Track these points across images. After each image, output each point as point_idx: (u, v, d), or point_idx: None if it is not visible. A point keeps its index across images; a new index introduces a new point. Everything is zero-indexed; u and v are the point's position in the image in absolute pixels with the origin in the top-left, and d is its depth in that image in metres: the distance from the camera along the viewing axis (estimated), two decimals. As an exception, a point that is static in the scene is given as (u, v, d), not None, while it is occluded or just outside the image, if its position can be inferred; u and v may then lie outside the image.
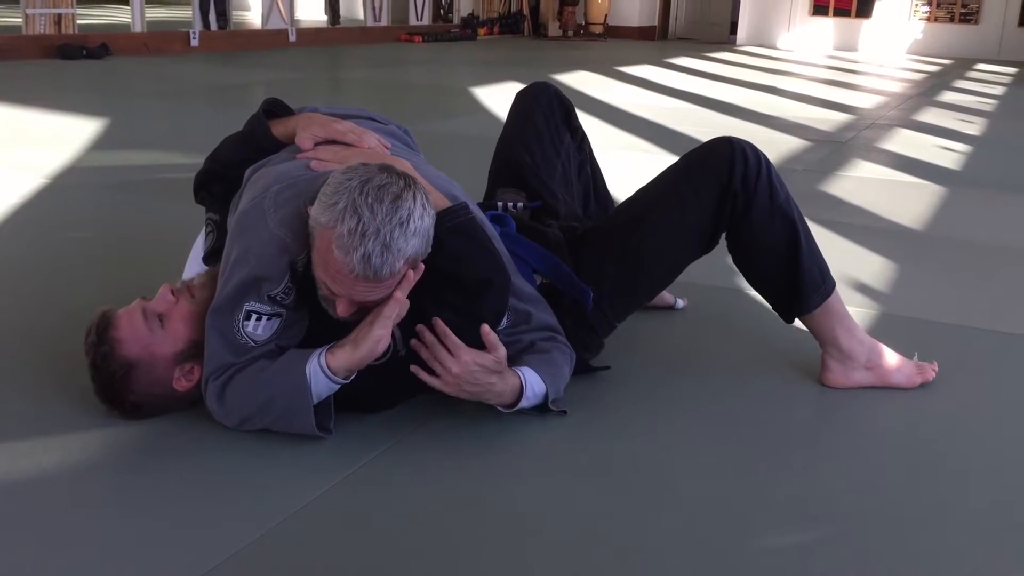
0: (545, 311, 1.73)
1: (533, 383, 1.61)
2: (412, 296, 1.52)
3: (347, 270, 1.40)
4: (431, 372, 1.54)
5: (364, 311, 1.50)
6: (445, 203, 1.58)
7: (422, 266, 1.48)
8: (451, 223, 1.54)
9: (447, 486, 1.47)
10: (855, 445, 1.69)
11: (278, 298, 1.51)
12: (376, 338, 1.48)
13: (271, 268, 1.49)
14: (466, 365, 1.52)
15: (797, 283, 1.79)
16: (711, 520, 1.41)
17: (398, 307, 1.48)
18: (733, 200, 1.75)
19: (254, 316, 1.51)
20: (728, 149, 1.76)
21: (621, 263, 1.79)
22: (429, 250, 1.48)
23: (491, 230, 1.67)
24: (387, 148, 1.70)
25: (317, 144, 1.66)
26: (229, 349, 1.52)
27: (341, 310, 1.48)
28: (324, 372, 1.49)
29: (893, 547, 1.36)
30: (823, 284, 1.81)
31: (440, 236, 1.51)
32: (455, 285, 1.55)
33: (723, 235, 1.82)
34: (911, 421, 1.77)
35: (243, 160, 1.70)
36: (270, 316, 1.52)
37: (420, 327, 1.53)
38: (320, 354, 1.51)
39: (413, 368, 1.53)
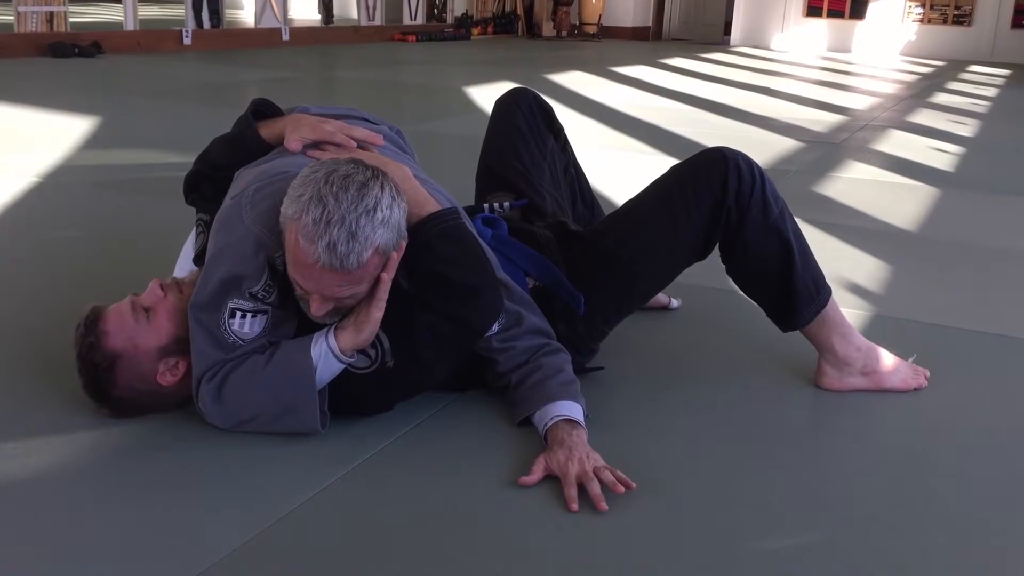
0: (535, 313, 1.72)
1: (576, 413, 1.60)
2: (401, 302, 1.52)
3: (312, 259, 1.38)
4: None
5: (339, 312, 1.50)
6: (435, 206, 1.57)
7: (403, 245, 1.47)
8: (440, 226, 1.54)
9: (439, 489, 1.46)
10: (850, 447, 1.68)
11: (259, 295, 1.50)
12: (376, 320, 1.49)
13: (248, 265, 1.49)
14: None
15: (790, 298, 1.79)
16: (705, 522, 1.41)
17: (388, 288, 1.48)
18: (726, 216, 1.73)
19: (239, 314, 1.51)
20: (723, 164, 1.73)
21: (612, 277, 1.78)
22: (403, 242, 1.47)
23: (477, 235, 1.66)
24: (379, 141, 1.68)
25: (306, 147, 1.65)
26: (219, 348, 1.52)
27: (315, 308, 1.47)
28: (333, 353, 1.50)
29: (888, 549, 1.35)
30: (817, 297, 1.80)
31: (429, 239, 1.51)
32: (443, 291, 1.53)
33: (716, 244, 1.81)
34: (905, 423, 1.77)
35: (231, 163, 1.68)
36: (255, 313, 1.52)
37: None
38: (326, 336, 1.51)
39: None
